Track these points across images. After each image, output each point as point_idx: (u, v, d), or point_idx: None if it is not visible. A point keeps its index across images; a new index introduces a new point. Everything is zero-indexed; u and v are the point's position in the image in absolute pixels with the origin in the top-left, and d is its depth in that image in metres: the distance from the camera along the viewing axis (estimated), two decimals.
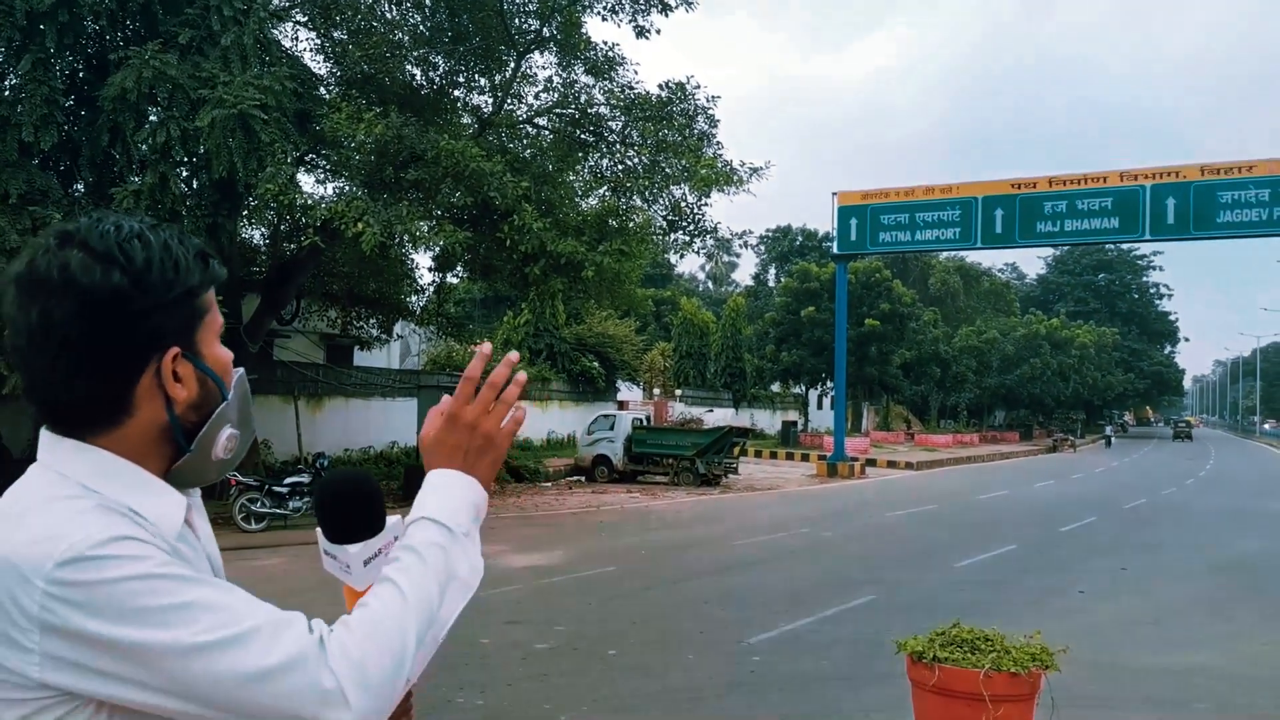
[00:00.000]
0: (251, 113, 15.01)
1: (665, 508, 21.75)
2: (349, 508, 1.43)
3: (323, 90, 19.57)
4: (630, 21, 19.08)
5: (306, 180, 28.26)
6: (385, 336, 26.53)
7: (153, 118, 16.11)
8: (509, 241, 17.37)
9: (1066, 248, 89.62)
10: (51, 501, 1.19)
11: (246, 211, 19.24)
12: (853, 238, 33.00)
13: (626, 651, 8.67)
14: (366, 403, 26.43)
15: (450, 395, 1.44)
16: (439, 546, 1.33)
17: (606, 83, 19.85)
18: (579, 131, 20.24)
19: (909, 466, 38.66)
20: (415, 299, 25.19)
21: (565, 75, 20.36)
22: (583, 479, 27.93)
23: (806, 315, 49.74)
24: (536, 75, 21.04)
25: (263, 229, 20.62)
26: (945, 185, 31.83)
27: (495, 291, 31.86)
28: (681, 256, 47.83)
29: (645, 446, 27.58)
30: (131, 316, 1.22)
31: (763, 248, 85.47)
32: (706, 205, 19.82)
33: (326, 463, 19.20)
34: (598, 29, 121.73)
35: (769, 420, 53.42)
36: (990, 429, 73.82)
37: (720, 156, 19.39)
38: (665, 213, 20.02)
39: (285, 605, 1.23)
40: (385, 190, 17.24)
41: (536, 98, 21.06)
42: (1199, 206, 27.84)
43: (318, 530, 1.44)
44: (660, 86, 19.43)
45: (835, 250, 34.31)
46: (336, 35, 19.97)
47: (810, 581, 12.56)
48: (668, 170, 19.37)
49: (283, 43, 19.09)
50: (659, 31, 19.04)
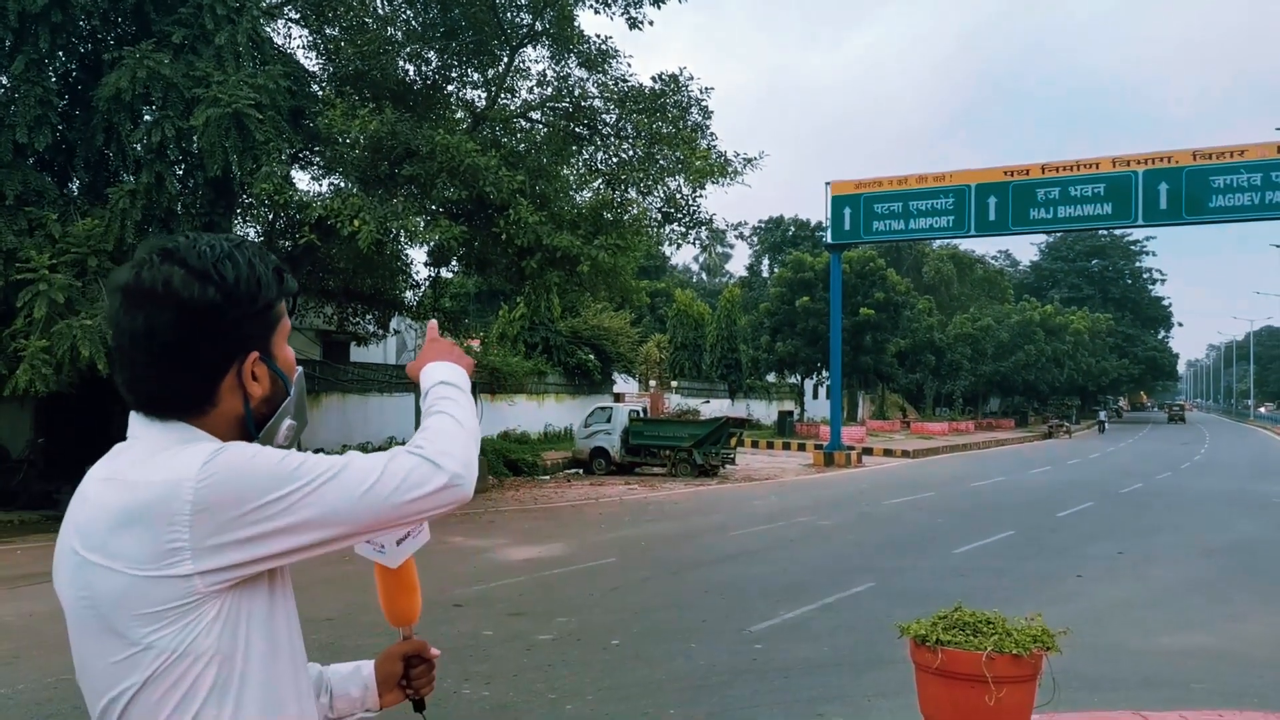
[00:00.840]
0: (246, 111, 15.03)
1: (664, 499, 21.84)
2: None
3: (316, 87, 19.57)
4: (623, 13, 19.12)
5: (301, 178, 28.28)
6: (382, 332, 26.56)
7: (147, 117, 16.12)
8: (505, 235, 17.41)
9: (1059, 234, 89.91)
10: (171, 447, 1.41)
11: (241, 210, 19.25)
12: (846, 227, 33.07)
13: (629, 641, 8.74)
14: (364, 398, 26.47)
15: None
16: (458, 393, 1.64)
17: (600, 76, 19.87)
18: (573, 125, 20.26)
19: (905, 455, 38.79)
20: (411, 294, 25.21)
21: (558, 69, 20.38)
22: (580, 471, 28.02)
23: (801, 305, 49.81)
24: (530, 69, 21.07)
25: (258, 227, 20.63)
26: (938, 174, 31.91)
27: (490, 286, 31.84)
28: (677, 248, 48.02)
29: (643, 438, 27.67)
30: (222, 326, 1.45)
31: (756, 239, 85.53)
32: (702, 197, 19.89)
33: None
34: (590, 21, 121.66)
35: (765, 411, 53.52)
36: (985, 416, 74.01)
37: (714, 148, 19.44)
38: (660, 205, 20.06)
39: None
40: (380, 186, 17.27)
41: (530, 92, 21.09)
42: (1191, 191, 27.95)
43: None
44: (653, 79, 19.46)
45: (829, 240, 34.38)
46: (329, 31, 19.96)
47: (809, 570, 12.64)
48: (662, 162, 19.41)
49: (275, 40, 19.09)
50: (651, 23, 19.16)
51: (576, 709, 6.81)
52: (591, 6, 19.42)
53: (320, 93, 19.11)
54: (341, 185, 18.29)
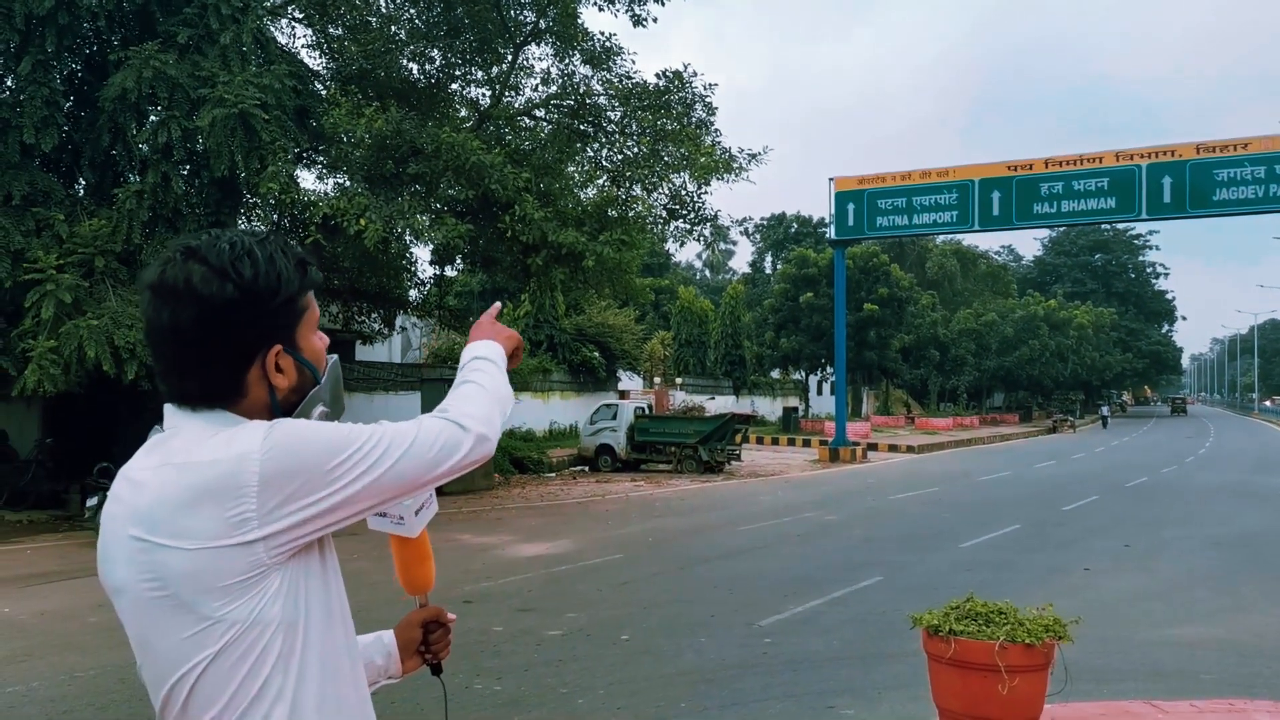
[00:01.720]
0: (252, 111, 15.06)
1: (670, 495, 21.87)
2: None
3: (320, 87, 19.61)
4: (627, 10, 19.13)
5: (306, 177, 28.32)
6: (387, 330, 26.60)
7: (153, 118, 16.17)
8: (510, 233, 17.44)
9: (1063, 229, 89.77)
10: (224, 430, 1.48)
11: (246, 209, 19.30)
12: (850, 223, 33.07)
13: (639, 636, 8.78)
14: (369, 397, 26.53)
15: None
16: (490, 366, 1.77)
17: (604, 73, 19.90)
18: (578, 122, 20.29)
19: (910, 450, 38.80)
20: (416, 292, 25.25)
21: (563, 66, 20.42)
22: (586, 469, 28.06)
23: (805, 301, 49.81)
24: (534, 67, 21.11)
25: (263, 227, 20.67)
26: (942, 169, 31.89)
27: (495, 283, 31.88)
28: (682, 245, 47.78)
29: (648, 435, 27.70)
30: (242, 321, 1.51)
31: (759, 235, 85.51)
32: (707, 193, 19.91)
33: None
34: (594, 19, 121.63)
35: (769, 407, 53.55)
36: (990, 411, 74.02)
37: (719, 144, 19.46)
38: (665, 201, 20.09)
39: None
40: (386, 185, 17.30)
41: (534, 90, 21.14)
42: (1195, 185, 27.93)
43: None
44: (658, 76, 19.49)
45: (833, 235, 34.37)
46: (332, 31, 19.99)
47: (817, 564, 12.68)
48: (666, 159, 19.43)
49: (279, 39, 19.13)
50: (655, 19, 19.14)
51: (588, 703, 6.85)
52: (595, 4, 19.45)
53: (324, 92, 19.15)
54: (347, 184, 18.33)
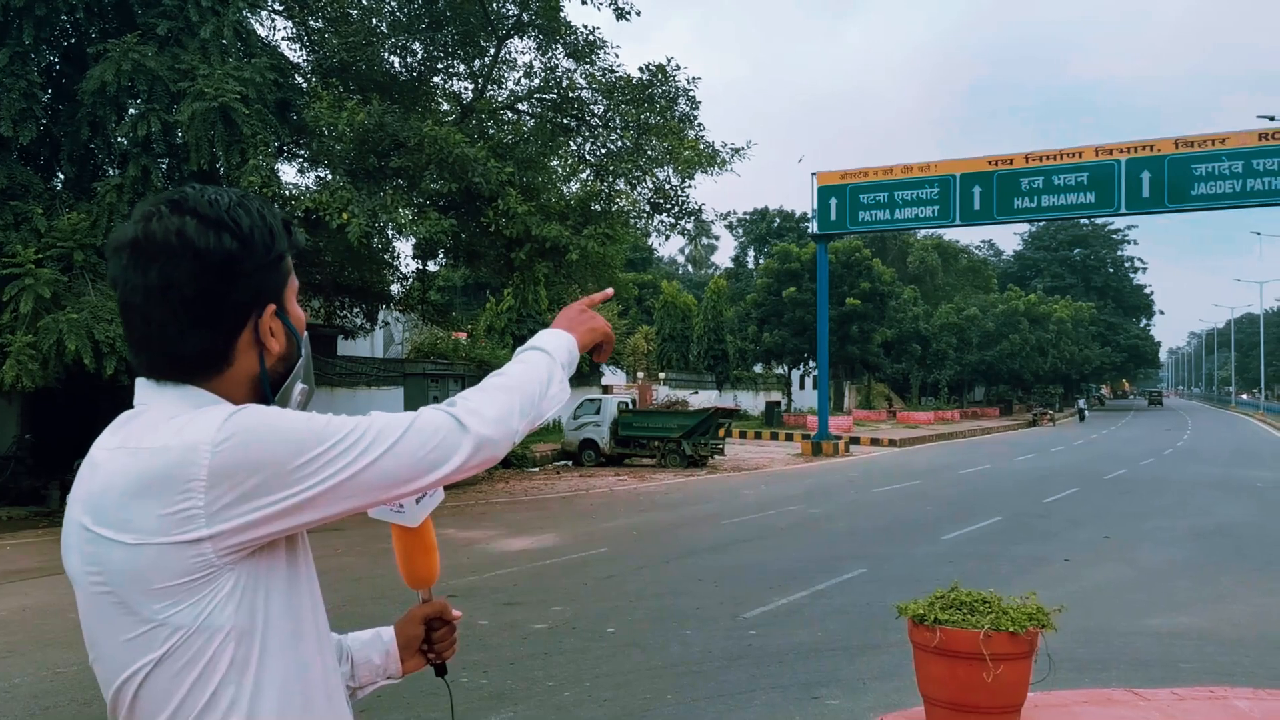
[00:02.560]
0: (233, 105, 14.97)
1: (654, 489, 21.90)
2: None
3: (300, 79, 19.50)
4: (610, 3, 19.09)
5: (287, 171, 28.15)
6: (369, 325, 26.52)
7: (132, 111, 16.04)
8: (494, 227, 17.41)
9: (1042, 224, 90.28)
10: (186, 412, 1.34)
11: None
12: (833, 217, 33.17)
13: (625, 629, 8.80)
14: (352, 392, 26.43)
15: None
16: (541, 362, 1.59)
17: (588, 66, 19.87)
18: (561, 116, 20.26)
19: (892, 444, 38.98)
20: (398, 286, 25.18)
21: (546, 60, 20.37)
22: (570, 463, 28.07)
23: (788, 296, 49.92)
24: (516, 60, 21.13)
25: None
26: (923, 163, 32.02)
27: (478, 278, 31.84)
28: (666, 239, 47.85)
29: (631, 430, 27.72)
30: (240, 276, 1.38)
31: (741, 230, 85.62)
32: (690, 187, 19.92)
33: None
34: (577, 12, 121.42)
35: (752, 401, 53.67)
36: (970, 405, 74.41)
37: (702, 138, 19.48)
38: (649, 195, 20.09)
39: None
40: (368, 179, 17.23)
41: (517, 83, 21.09)
42: (1173, 179, 28.15)
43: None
44: (641, 69, 19.49)
45: (815, 230, 34.46)
46: (313, 24, 19.88)
47: (801, 557, 12.73)
48: (650, 153, 19.43)
49: (259, 32, 19.01)
50: (639, 13, 19.08)
51: (575, 695, 6.86)
52: None
53: (305, 85, 19.05)
54: (329, 178, 18.24)
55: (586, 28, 19.73)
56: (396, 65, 20.66)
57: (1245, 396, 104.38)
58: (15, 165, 15.89)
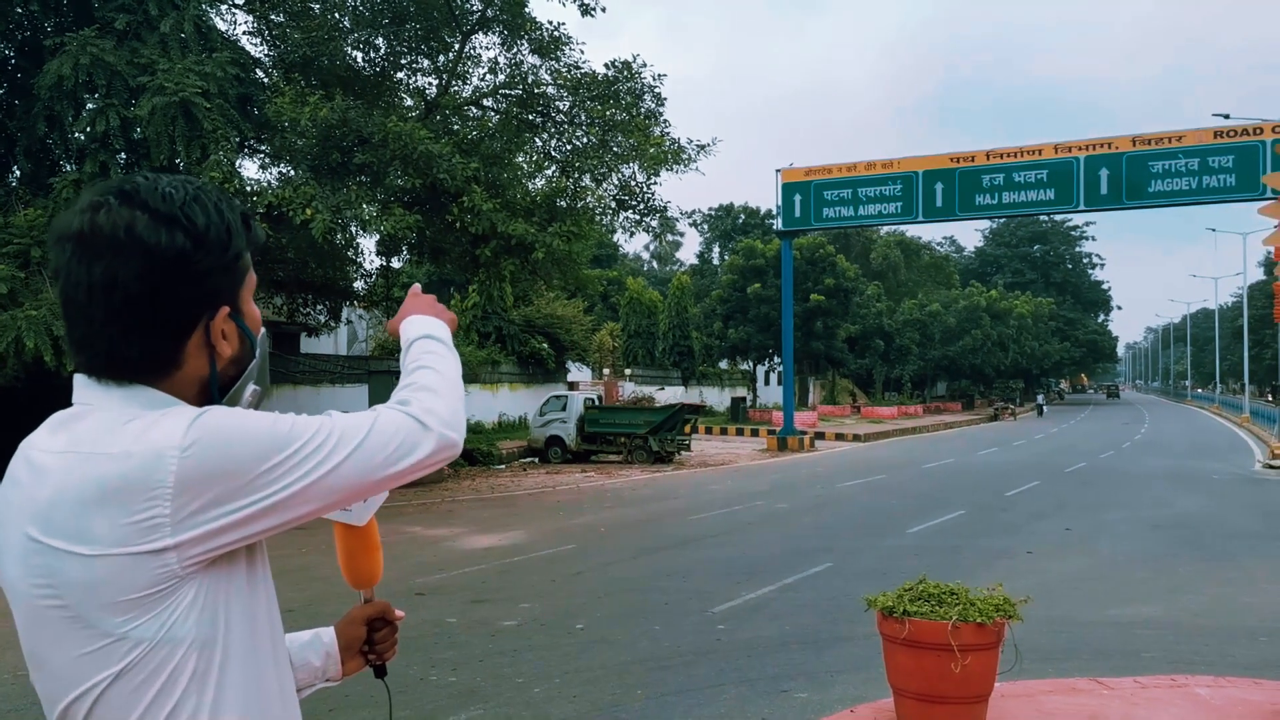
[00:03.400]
0: (194, 100, 14.79)
1: (621, 486, 21.93)
2: None
3: (262, 74, 19.29)
4: (575, 0, 19.03)
5: (249, 167, 27.82)
6: (333, 323, 26.30)
7: (90, 106, 15.80)
8: (459, 224, 17.32)
9: (1003, 220, 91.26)
10: (144, 414, 1.28)
11: None
12: (797, 214, 33.34)
13: (593, 625, 8.81)
14: (316, 390, 26.22)
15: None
16: (440, 347, 1.56)
17: (553, 63, 19.81)
18: (526, 112, 20.19)
19: (856, 439, 39.26)
20: (362, 283, 24.99)
21: (510, 55, 20.28)
22: (536, 460, 28.02)
23: (753, 292, 50.12)
24: (481, 56, 20.99)
25: None
26: (887, 160, 32.27)
27: (442, 275, 31.65)
28: (631, 235, 47.85)
29: (598, 426, 27.73)
30: (192, 277, 1.30)
31: (706, 226, 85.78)
32: (656, 184, 19.94)
33: None
34: (542, 8, 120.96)
35: (718, 397, 53.82)
36: (933, 400, 75.10)
37: (668, 135, 19.50)
38: (615, 192, 20.08)
39: None
40: (332, 175, 17.09)
41: (482, 79, 20.97)
42: (1131, 177, 28.57)
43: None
44: (606, 66, 19.44)
45: (780, 226, 34.60)
46: (274, 18, 19.66)
47: (768, 552, 12.80)
48: (616, 149, 19.42)
49: (219, 26, 18.78)
50: (604, 9, 19.06)
51: (545, 691, 6.87)
52: None
53: (267, 80, 18.84)
54: (291, 174, 18.06)
55: (551, 24, 19.70)
56: (359, 60, 20.49)
57: (1200, 390, 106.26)
58: None
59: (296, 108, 16.18)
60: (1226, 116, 28.98)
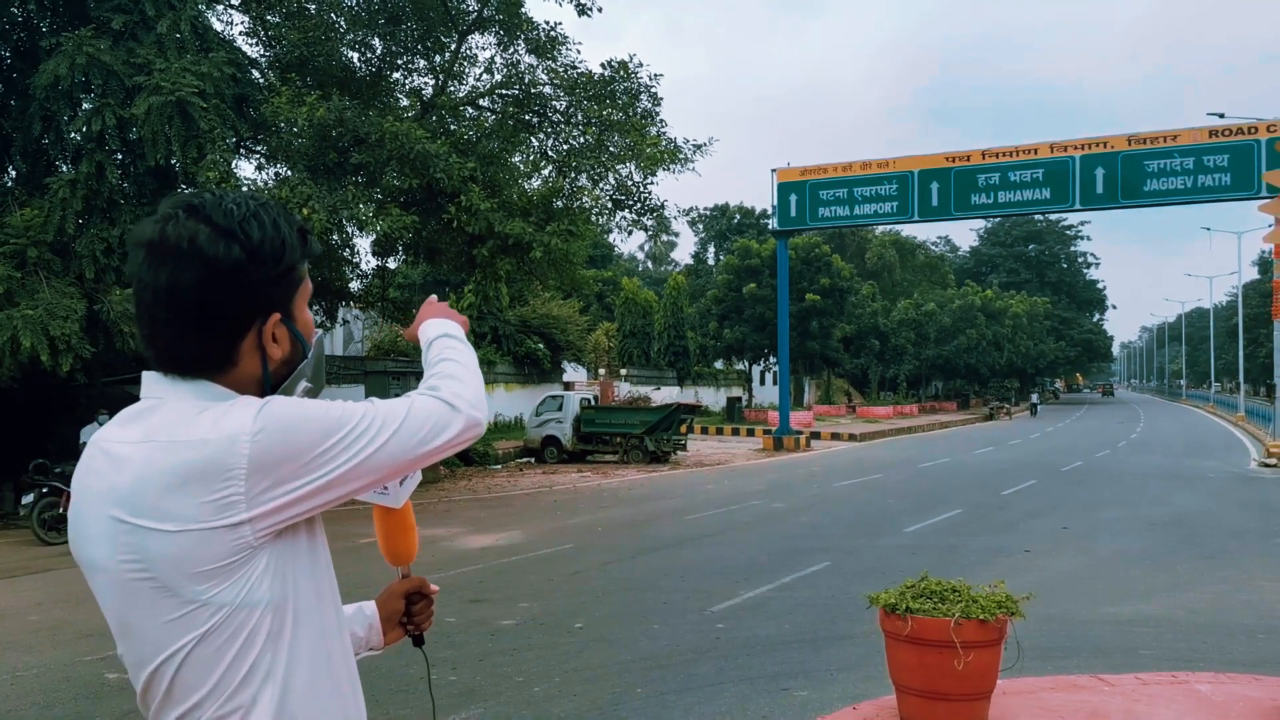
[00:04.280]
0: (190, 99, 14.75)
1: (617, 485, 21.92)
2: None
3: (258, 74, 19.25)
4: (571, 0, 19.02)
5: (245, 167, 27.82)
6: (329, 323, 26.23)
7: (86, 105, 15.76)
8: (455, 223, 17.30)
9: (998, 220, 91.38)
10: (214, 405, 1.43)
11: None
12: (793, 214, 33.36)
13: (592, 624, 8.81)
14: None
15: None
16: (459, 344, 1.73)
17: (549, 62, 19.78)
18: (523, 112, 20.16)
19: (852, 438, 39.28)
20: (358, 284, 24.94)
21: (507, 55, 20.26)
22: (533, 460, 28.01)
23: (748, 292, 50.13)
24: (477, 56, 20.91)
25: None
26: (882, 160, 32.30)
27: (438, 275, 31.63)
28: (628, 235, 47.88)
29: (594, 426, 27.72)
30: (245, 286, 1.46)
31: (701, 226, 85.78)
32: (653, 183, 19.93)
33: None
34: (538, 8, 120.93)
35: (713, 397, 53.83)
36: (929, 399, 75.17)
37: (664, 134, 19.49)
38: (611, 192, 20.07)
39: None
40: (328, 175, 17.06)
41: (479, 79, 20.93)
42: (1126, 176, 28.63)
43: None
44: (603, 65, 19.43)
45: (775, 226, 34.62)
46: (270, 18, 19.63)
47: (766, 551, 12.80)
48: (613, 149, 19.41)
49: (215, 26, 18.74)
50: (600, 9, 19.09)
51: (544, 690, 6.86)
52: None
53: (263, 80, 18.80)
54: (288, 174, 18.03)
55: (548, 23, 19.69)
56: (355, 61, 20.46)
57: (1196, 390, 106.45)
58: None
59: (293, 108, 16.16)
60: (1221, 115, 29.07)
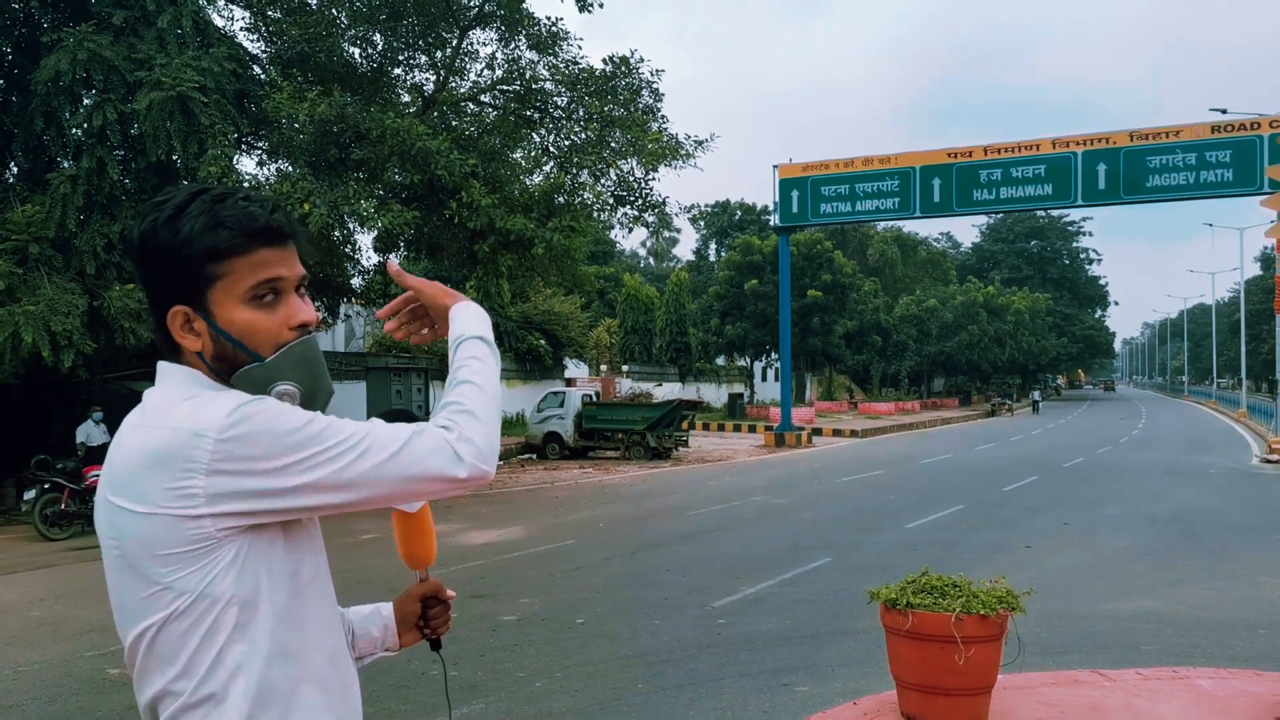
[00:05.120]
0: (191, 94, 14.75)
1: (619, 482, 21.93)
2: None
3: (258, 70, 19.24)
4: None
5: (246, 163, 27.77)
6: (330, 319, 26.24)
7: (87, 101, 15.76)
8: (457, 219, 17.30)
9: (1000, 216, 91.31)
10: (199, 394, 1.46)
11: None
12: (794, 210, 33.33)
13: (594, 620, 8.81)
14: None
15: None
16: (490, 355, 1.66)
17: (550, 58, 19.76)
18: (524, 108, 20.15)
19: (854, 434, 39.28)
20: (359, 280, 24.93)
21: (508, 51, 20.24)
22: (534, 456, 28.03)
23: (750, 288, 50.10)
24: (479, 52, 20.88)
25: None
26: (884, 156, 32.26)
27: (439, 271, 31.62)
28: (630, 231, 47.84)
29: (596, 422, 27.73)
30: (146, 273, 1.52)
31: (703, 223, 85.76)
32: (654, 179, 19.91)
33: None
34: (540, 4, 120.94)
35: (715, 394, 53.83)
36: (930, 396, 75.14)
37: (665, 130, 19.46)
38: (613, 188, 20.05)
39: None
40: (329, 171, 17.06)
41: (480, 75, 20.92)
42: (1129, 172, 28.59)
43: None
44: (604, 61, 19.41)
45: (777, 222, 34.60)
46: (271, 14, 19.61)
47: (767, 547, 12.81)
48: (614, 145, 19.40)
49: (216, 22, 18.73)
50: (601, 5, 19.03)
51: (545, 685, 6.87)
52: None
53: (264, 76, 18.79)
54: (289, 170, 18.03)
55: (549, 19, 19.66)
56: (357, 56, 20.44)
57: (1198, 386, 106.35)
58: None
59: (294, 104, 16.15)
60: (1224, 111, 29.02)
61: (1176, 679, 5.35)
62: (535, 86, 19.89)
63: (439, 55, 20.62)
